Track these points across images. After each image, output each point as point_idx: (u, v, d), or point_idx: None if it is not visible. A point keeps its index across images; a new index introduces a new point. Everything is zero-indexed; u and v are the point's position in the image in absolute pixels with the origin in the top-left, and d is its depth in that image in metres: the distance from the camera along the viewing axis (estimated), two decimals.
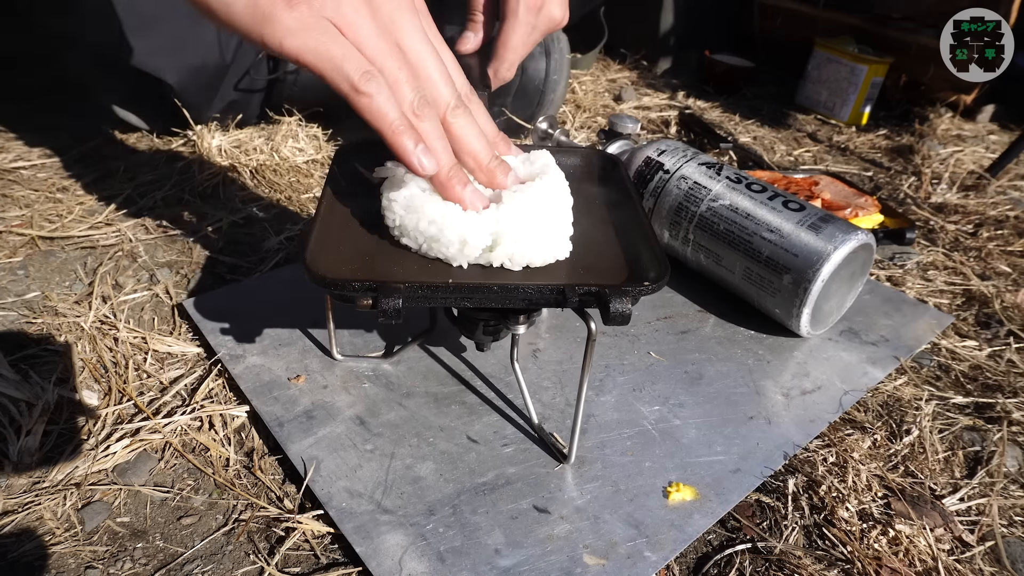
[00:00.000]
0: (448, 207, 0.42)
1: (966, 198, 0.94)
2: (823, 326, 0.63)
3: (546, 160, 0.48)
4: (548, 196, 0.44)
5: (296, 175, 0.89)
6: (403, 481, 0.47)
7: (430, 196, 0.43)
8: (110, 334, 0.60)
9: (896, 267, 0.78)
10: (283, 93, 0.95)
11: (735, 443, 0.51)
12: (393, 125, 0.39)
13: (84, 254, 0.72)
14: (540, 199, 0.43)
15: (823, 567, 0.44)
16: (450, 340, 0.60)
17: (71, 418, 0.51)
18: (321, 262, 0.41)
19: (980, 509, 0.49)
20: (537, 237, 0.42)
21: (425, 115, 0.40)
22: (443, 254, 0.43)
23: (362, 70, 0.37)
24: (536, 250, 0.43)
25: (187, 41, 0.83)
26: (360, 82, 0.37)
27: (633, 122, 0.83)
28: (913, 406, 0.57)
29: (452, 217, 0.42)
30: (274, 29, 0.37)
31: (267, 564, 0.43)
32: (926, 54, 1.19)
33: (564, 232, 0.44)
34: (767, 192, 0.63)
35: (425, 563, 0.41)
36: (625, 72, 1.43)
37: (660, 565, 0.42)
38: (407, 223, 0.43)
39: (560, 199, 0.45)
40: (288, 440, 0.49)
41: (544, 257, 0.43)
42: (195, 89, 0.88)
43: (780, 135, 1.17)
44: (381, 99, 0.38)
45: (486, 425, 0.52)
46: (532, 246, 0.43)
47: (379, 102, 0.38)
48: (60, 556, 0.42)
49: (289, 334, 0.59)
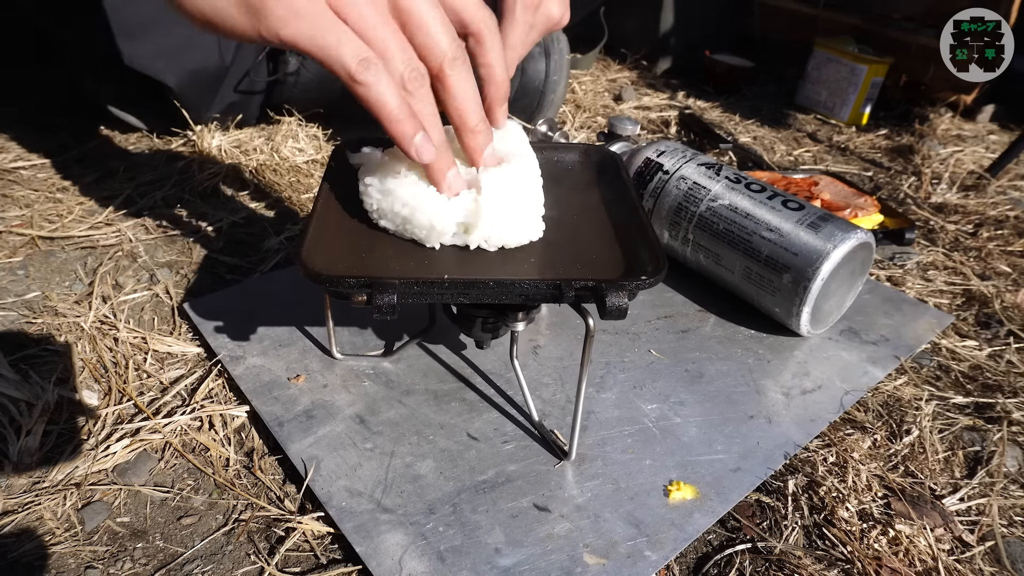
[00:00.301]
0: (420, 190, 0.43)
1: (966, 198, 0.94)
2: (823, 325, 0.63)
3: (518, 135, 0.48)
4: (522, 178, 0.44)
5: (296, 175, 0.89)
6: (403, 480, 0.47)
7: (403, 179, 0.44)
8: (110, 334, 0.60)
9: (896, 267, 0.78)
10: (283, 94, 0.95)
11: (735, 442, 0.51)
12: (392, 114, 0.39)
13: (84, 254, 0.72)
14: (515, 181, 0.44)
15: (823, 567, 0.44)
16: (450, 338, 0.60)
17: (71, 418, 0.51)
18: (317, 259, 0.41)
19: (980, 509, 0.49)
20: (512, 219, 0.43)
21: (417, 92, 0.40)
22: (417, 236, 0.44)
23: (358, 57, 0.37)
24: (511, 232, 0.44)
25: (187, 44, 0.83)
26: (357, 71, 0.37)
27: (632, 124, 0.83)
28: (913, 406, 0.57)
29: (423, 199, 0.43)
30: (268, 21, 0.36)
31: (267, 564, 0.42)
32: (926, 54, 1.19)
33: (537, 212, 0.45)
34: (766, 192, 0.63)
35: (425, 562, 0.41)
36: (625, 72, 1.43)
37: (660, 564, 0.42)
38: (383, 205, 0.44)
39: (533, 179, 0.46)
40: (288, 440, 0.49)
41: (519, 238, 0.44)
42: (195, 91, 0.88)
43: (780, 135, 1.17)
44: (380, 87, 0.38)
45: (486, 422, 0.52)
46: (507, 228, 0.43)
47: (377, 91, 0.38)
48: (60, 556, 0.42)
49: (289, 334, 0.59)
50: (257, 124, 0.99)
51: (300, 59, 0.91)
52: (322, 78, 0.94)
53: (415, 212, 0.43)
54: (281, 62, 0.90)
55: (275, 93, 0.95)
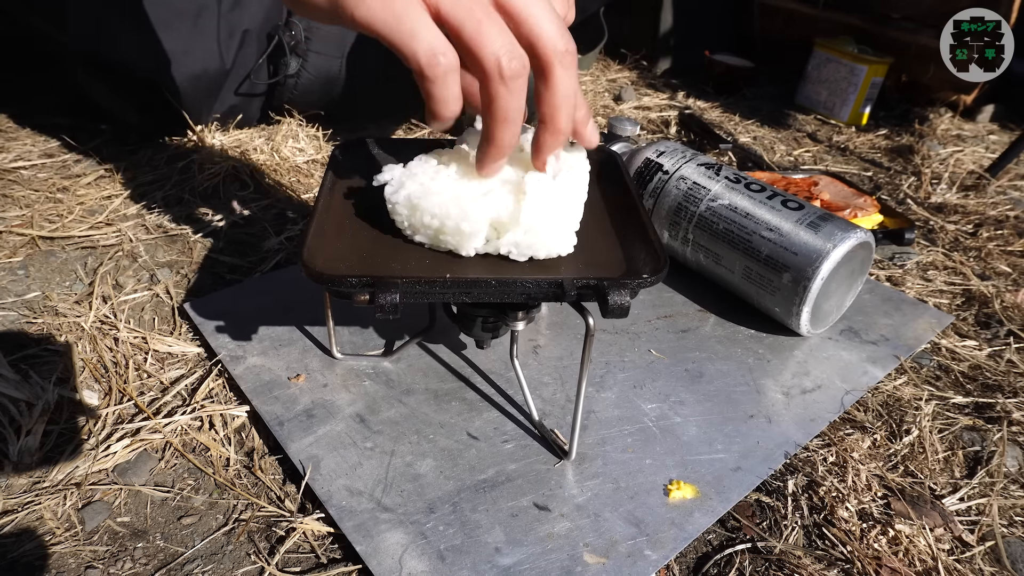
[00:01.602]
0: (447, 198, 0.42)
1: (966, 198, 0.94)
2: (823, 325, 0.63)
3: (580, 155, 0.48)
4: (570, 191, 0.44)
5: (296, 175, 0.89)
6: (403, 479, 0.47)
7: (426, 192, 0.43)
8: (110, 334, 0.60)
9: (896, 267, 0.78)
10: (283, 96, 0.95)
11: (735, 441, 0.51)
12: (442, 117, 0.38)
13: (84, 254, 0.72)
14: (562, 192, 0.43)
15: (823, 567, 0.44)
16: (450, 337, 0.60)
17: (71, 418, 0.51)
18: (318, 258, 0.41)
19: (980, 509, 0.49)
20: (548, 228, 0.42)
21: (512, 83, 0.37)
22: (450, 243, 0.43)
23: (430, 53, 0.35)
24: (544, 241, 0.42)
25: (188, 47, 0.83)
26: (426, 67, 0.35)
27: (632, 124, 0.83)
28: (913, 406, 0.57)
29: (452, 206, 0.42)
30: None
31: (267, 564, 0.42)
32: (926, 54, 1.19)
33: (572, 228, 0.44)
34: (766, 191, 0.63)
35: (425, 562, 0.41)
36: (625, 72, 1.43)
37: (660, 564, 0.42)
38: (414, 221, 0.44)
39: (579, 196, 0.45)
40: (288, 439, 0.49)
41: (548, 250, 0.43)
42: (196, 94, 0.88)
43: (780, 135, 1.17)
44: (444, 89, 0.36)
45: (486, 421, 0.52)
46: (541, 237, 0.42)
47: (440, 91, 0.37)
48: (60, 556, 0.42)
49: (289, 334, 0.59)
50: (257, 125, 0.99)
51: (301, 61, 0.91)
52: (323, 81, 0.94)
53: (445, 220, 0.42)
54: (282, 64, 0.90)
55: (276, 95, 0.95)
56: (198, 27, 0.84)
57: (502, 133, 0.39)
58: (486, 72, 0.36)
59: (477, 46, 0.35)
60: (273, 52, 0.90)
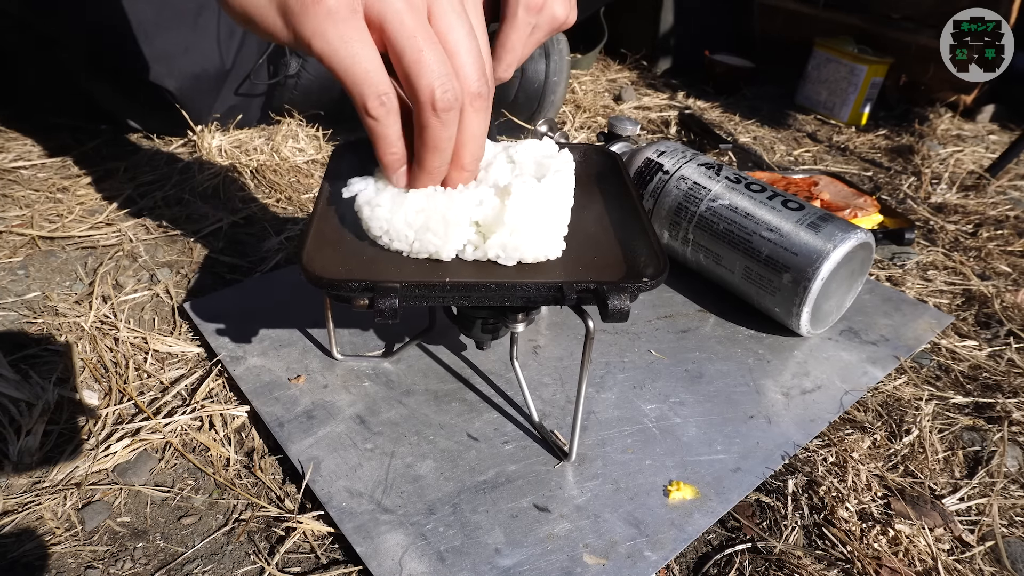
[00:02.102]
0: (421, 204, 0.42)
1: (966, 198, 0.94)
2: (823, 325, 0.63)
3: (565, 158, 0.48)
4: (555, 195, 0.44)
5: (296, 175, 0.89)
6: (403, 480, 0.47)
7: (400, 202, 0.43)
8: (110, 334, 0.60)
9: (896, 267, 0.78)
10: (283, 97, 0.95)
11: (735, 442, 0.51)
12: (388, 159, 0.41)
13: (84, 254, 0.72)
14: (547, 195, 0.43)
15: (823, 567, 0.44)
16: (450, 338, 0.60)
17: (71, 418, 0.51)
18: (317, 262, 0.41)
19: (980, 509, 0.49)
20: (534, 231, 0.42)
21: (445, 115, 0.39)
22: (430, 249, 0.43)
23: (378, 94, 0.37)
24: (530, 244, 0.43)
25: (187, 48, 0.83)
26: (372, 106, 0.38)
27: (632, 124, 0.83)
28: (913, 406, 0.57)
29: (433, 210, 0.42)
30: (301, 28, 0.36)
31: (267, 564, 0.43)
32: (926, 54, 1.19)
33: (560, 232, 0.44)
34: (766, 192, 0.63)
35: (425, 563, 0.41)
36: (625, 72, 1.43)
37: (660, 565, 0.42)
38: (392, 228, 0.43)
39: (564, 199, 0.45)
40: (288, 440, 0.49)
41: (536, 254, 0.43)
42: (196, 95, 0.88)
43: (780, 135, 1.17)
44: (386, 128, 0.39)
45: (486, 422, 0.52)
46: (528, 240, 0.42)
47: (382, 129, 0.39)
48: (60, 556, 0.42)
49: (289, 334, 0.59)
50: (257, 125, 0.99)
51: (301, 62, 0.91)
52: (323, 81, 0.94)
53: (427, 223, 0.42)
54: (282, 65, 0.90)
55: (276, 96, 0.95)
56: (198, 27, 0.84)
57: (431, 160, 0.40)
58: (420, 102, 0.38)
59: (415, 75, 0.37)
60: (273, 52, 0.90)
